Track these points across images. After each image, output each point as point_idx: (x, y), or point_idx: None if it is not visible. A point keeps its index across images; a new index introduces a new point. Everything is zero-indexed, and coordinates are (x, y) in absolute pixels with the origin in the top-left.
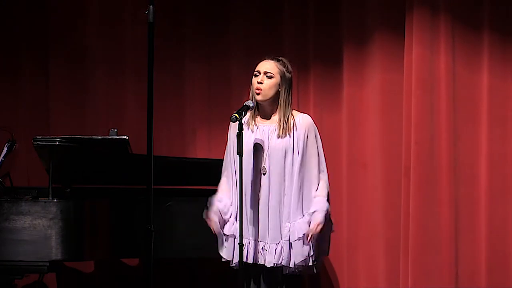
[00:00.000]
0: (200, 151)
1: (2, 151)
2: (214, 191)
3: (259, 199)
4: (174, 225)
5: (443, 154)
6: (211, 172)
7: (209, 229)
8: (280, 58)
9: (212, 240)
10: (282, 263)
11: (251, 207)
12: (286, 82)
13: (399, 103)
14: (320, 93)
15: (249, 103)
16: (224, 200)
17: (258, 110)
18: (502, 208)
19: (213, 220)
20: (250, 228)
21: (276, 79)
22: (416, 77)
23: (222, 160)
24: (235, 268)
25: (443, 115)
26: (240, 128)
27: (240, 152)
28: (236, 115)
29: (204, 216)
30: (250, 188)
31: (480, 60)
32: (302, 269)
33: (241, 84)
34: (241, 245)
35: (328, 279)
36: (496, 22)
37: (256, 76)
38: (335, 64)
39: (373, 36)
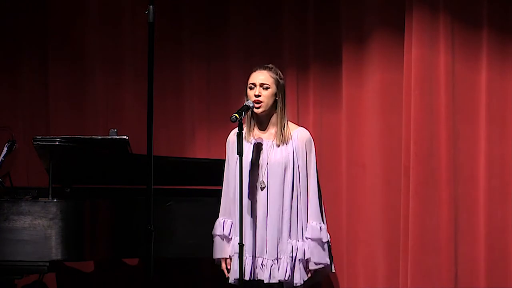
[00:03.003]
0: (200, 151)
1: (2, 151)
2: (213, 191)
3: (256, 215)
4: (174, 225)
5: (443, 154)
6: (210, 172)
7: (208, 229)
8: (271, 66)
9: (212, 240)
10: (287, 280)
11: (249, 223)
12: (281, 90)
13: (398, 103)
14: (320, 93)
15: (249, 103)
16: (227, 222)
17: (254, 120)
18: (501, 208)
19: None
20: (247, 244)
21: (272, 89)
22: (415, 76)
23: (221, 160)
24: (234, 284)
25: (442, 114)
26: (240, 128)
27: (240, 152)
28: (236, 115)
29: (219, 255)
30: (246, 202)
31: (479, 59)
32: (307, 284)
33: (240, 84)
34: (241, 245)
35: (328, 279)
36: (495, 20)
37: (251, 88)
38: (334, 63)
39: (372, 36)
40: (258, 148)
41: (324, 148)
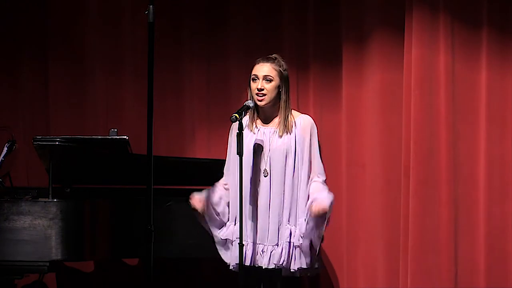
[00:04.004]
0: (200, 151)
1: (2, 151)
2: None
3: (257, 202)
4: (174, 225)
5: (442, 154)
6: (210, 172)
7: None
8: (274, 56)
9: (212, 239)
10: (282, 265)
11: (250, 209)
12: (284, 81)
13: (398, 103)
14: (320, 93)
15: (249, 102)
16: (218, 192)
17: (257, 113)
18: (501, 207)
19: (196, 197)
20: (249, 230)
21: (276, 81)
22: (415, 76)
23: (221, 160)
24: (234, 270)
25: (442, 114)
26: (240, 128)
27: (240, 152)
28: (236, 115)
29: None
30: (249, 190)
31: (479, 59)
32: (303, 272)
33: (240, 84)
34: (241, 245)
35: (327, 279)
36: (495, 20)
37: (254, 80)
38: (334, 63)
39: (372, 35)
40: (260, 137)
41: (324, 148)
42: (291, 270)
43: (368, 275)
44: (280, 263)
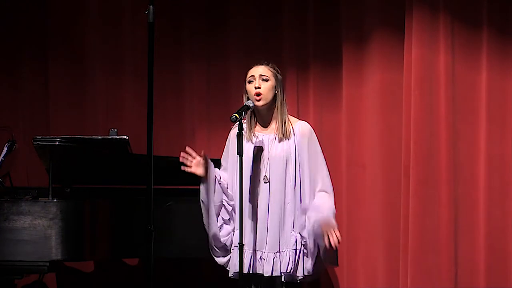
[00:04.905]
0: (200, 151)
1: (2, 151)
2: None
3: (257, 209)
4: (174, 225)
5: (442, 154)
6: None
7: None
8: (267, 62)
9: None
10: (290, 273)
11: (249, 216)
12: (280, 84)
13: (398, 103)
14: (320, 93)
15: (249, 103)
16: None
17: (255, 117)
18: (501, 207)
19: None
20: (247, 237)
21: (272, 81)
22: (415, 76)
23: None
24: (233, 277)
25: (442, 114)
26: (240, 128)
27: (240, 152)
28: (236, 115)
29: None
30: (248, 197)
31: (479, 59)
32: (307, 278)
33: (240, 84)
34: (241, 245)
35: (328, 279)
36: (495, 20)
37: (251, 82)
38: (334, 63)
39: (372, 36)
40: (259, 144)
41: (324, 148)
42: (298, 277)
43: (368, 275)
44: (288, 270)
